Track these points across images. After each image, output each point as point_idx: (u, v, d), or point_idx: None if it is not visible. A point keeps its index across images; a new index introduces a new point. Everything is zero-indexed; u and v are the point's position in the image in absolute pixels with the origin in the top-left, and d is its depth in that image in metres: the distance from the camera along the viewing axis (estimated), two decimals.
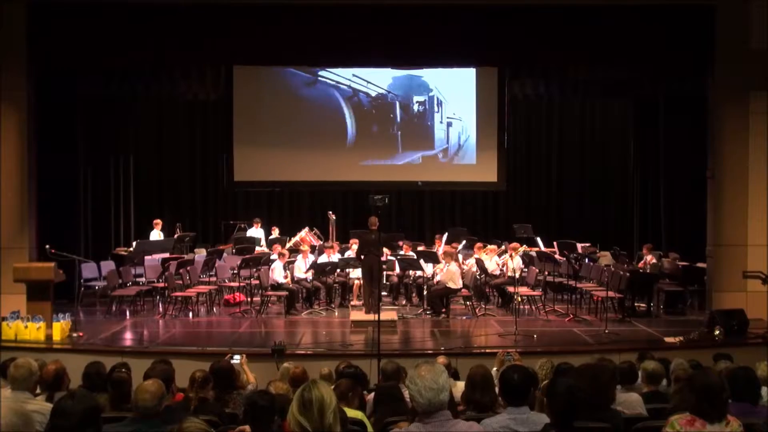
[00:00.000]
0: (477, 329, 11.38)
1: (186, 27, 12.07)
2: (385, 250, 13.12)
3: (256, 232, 15.34)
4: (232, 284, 13.32)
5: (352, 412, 5.12)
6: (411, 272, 13.21)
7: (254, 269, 12.56)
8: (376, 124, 15.97)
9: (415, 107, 15.95)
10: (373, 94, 15.90)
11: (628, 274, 11.91)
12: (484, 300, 12.99)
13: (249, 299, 12.88)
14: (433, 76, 15.85)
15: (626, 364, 6.13)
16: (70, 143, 13.96)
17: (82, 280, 12.44)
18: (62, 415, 3.52)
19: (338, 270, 13.28)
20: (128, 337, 10.84)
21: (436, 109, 15.97)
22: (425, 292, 12.61)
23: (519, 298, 11.91)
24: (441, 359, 7.02)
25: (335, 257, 13.19)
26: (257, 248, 14.32)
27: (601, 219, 16.50)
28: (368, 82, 15.83)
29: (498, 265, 13.09)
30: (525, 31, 12.26)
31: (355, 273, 13.11)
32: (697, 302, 12.87)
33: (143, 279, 13.09)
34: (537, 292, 12.72)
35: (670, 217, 14.73)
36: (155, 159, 16.38)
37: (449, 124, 16.00)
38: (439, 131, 16.02)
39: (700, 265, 12.89)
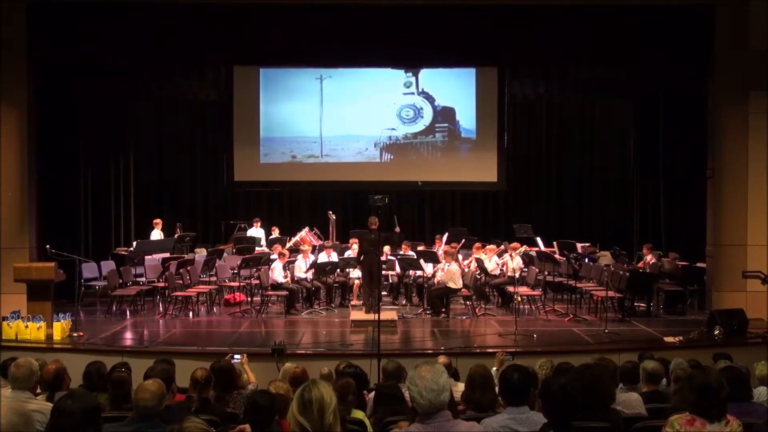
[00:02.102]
0: (477, 329, 11.39)
1: (186, 27, 12.08)
2: (385, 249, 13.13)
3: (256, 231, 15.34)
4: (232, 284, 13.33)
5: (352, 412, 5.13)
6: (411, 272, 13.22)
7: (254, 269, 12.57)
8: (377, 122, 15.97)
9: (415, 105, 15.96)
10: (374, 91, 15.90)
11: (627, 274, 11.92)
12: (484, 300, 12.99)
13: (249, 299, 12.89)
14: (433, 75, 15.83)
15: (630, 363, 6.13)
16: (70, 143, 13.96)
17: (82, 280, 12.43)
18: (62, 415, 3.52)
19: (338, 270, 13.29)
20: (128, 337, 10.84)
21: (435, 107, 15.98)
22: (425, 292, 12.62)
23: (519, 298, 11.91)
24: (442, 359, 7.03)
25: (334, 255, 13.22)
26: (257, 248, 14.32)
27: (601, 219, 16.51)
28: (369, 80, 15.85)
29: (498, 264, 13.09)
30: (525, 31, 12.27)
31: (355, 273, 13.12)
32: (697, 302, 12.88)
33: (143, 279, 13.09)
34: (537, 292, 12.73)
35: (670, 217, 14.73)
36: (155, 159, 16.37)
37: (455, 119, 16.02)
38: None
39: (700, 265, 12.90)
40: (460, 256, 13.25)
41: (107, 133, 15.27)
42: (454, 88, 15.98)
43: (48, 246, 11.08)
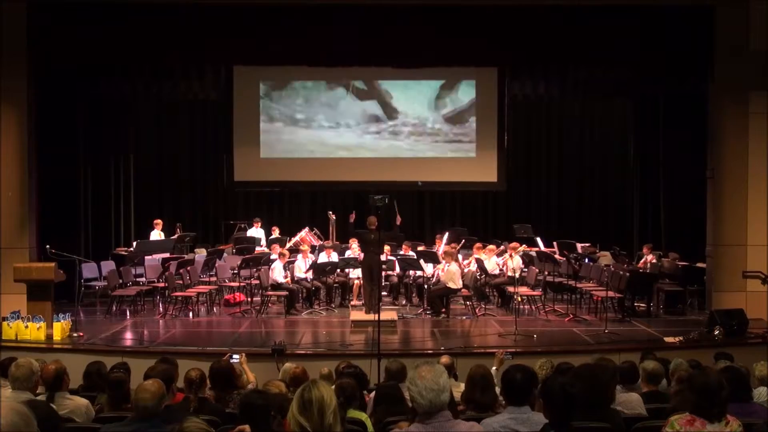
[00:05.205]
0: (477, 329, 11.39)
1: (186, 27, 12.09)
2: (385, 249, 13.12)
3: (256, 232, 15.34)
4: (232, 284, 13.33)
5: (352, 412, 5.13)
6: (411, 272, 13.21)
7: (254, 269, 12.57)
8: (376, 121, 15.95)
9: (415, 105, 15.94)
10: (374, 92, 15.90)
11: (627, 274, 11.92)
12: (484, 300, 12.99)
13: (249, 299, 12.89)
14: (432, 76, 15.82)
15: (627, 363, 6.13)
16: (70, 143, 13.95)
17: (82, 280, 12.43)
18: None
19: (338, 270, 13.28)
20: (128, 337, 10.84)
21: (435, 107, 15.97)
22: (425, 292, 12.62)
23: (519, 298, 11.91)
24: (444, 359, 7.03)
25: (334, 256, 13.22)
26: (257, 248, 14.32)
27: (601, 219, 16.50)
28: (369, 81, 15.84)
29: (498, 265, 13.09)
30: (525, 31, 12.27)
31: (355, 273, 13.12)
32: (697, 302, 12.89)
33: (143, 279, 13.09)
34: (537, 292, 12.72)
35: (670, 217, 14.72)
36: (155, 159, 16.38)
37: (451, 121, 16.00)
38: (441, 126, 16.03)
39: (700, 265, 12.90)
40: (460, 256, 13.25)
41: (107, 133, 15.26)
42: (455, 89, 15.97)
43: (48, 246, 11.08)
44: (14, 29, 11.78)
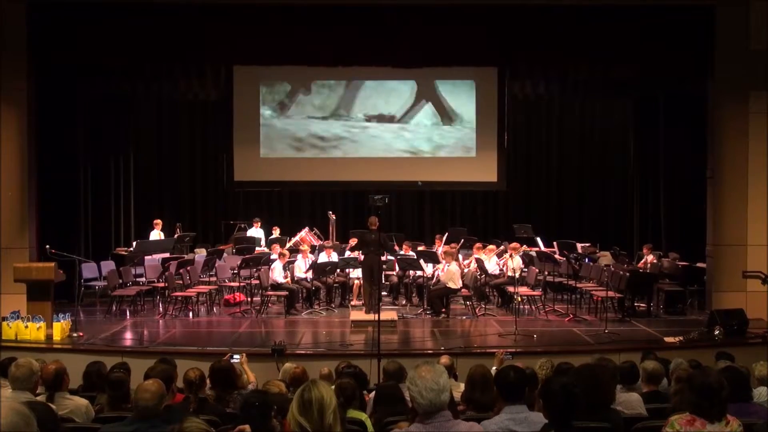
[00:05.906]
0: (477, 329, 11.39)
1: (186, 27, 12.09)
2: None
3: (256, 232, 15.34)
4: (232, 284, 13.33)
5: (352, 412, 5.13)
6: (411, 272, 13.21)
7: (254, 269, 12.57)
8: (376, 121, 15.95)
9: (415, 105, 15.93)
10: (374, 92, 15.89)
11: (627, 274, 11.92)
12: (484, 300, 12.99)
13: (249, 299, 12.89)
14: (432, 76, 15.81)
15: (627, 364, 6.13)
16: (70, 143, 13.95)
17: (82, 280, 12.43)
18: None
19: (338, 270, 13.28)
20: (128, 337, 10.84)
21: (435, 107, 15.96)
22: (425, 292, 12.61)
23: (519, 298, 11.91)
24: (444, 359, 7.03)
25: (334, 256, 13.23)
26: (257, 248, 14.32)
27: (601, 219, 16.50)
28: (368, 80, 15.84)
29: (498, 265, 13.09)
30: (525, 31, 12.28)
31: (355, 273, 13.12)
32: (697, 302, 12.89)
33: (143, 279, 13.09)
34: (537, 292, 12.72)
35: (670, 217, 14.73)
36: (155, 159, 16.38)
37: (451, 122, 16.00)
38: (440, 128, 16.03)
39: (700, 265, 12.91)
40: (460, 256, 13.25)
41: (107, 133, 15.26)
42: (454, 88, 15.97)
43: (47, 246, 11.08)
44: (14, 29, 11.78)
